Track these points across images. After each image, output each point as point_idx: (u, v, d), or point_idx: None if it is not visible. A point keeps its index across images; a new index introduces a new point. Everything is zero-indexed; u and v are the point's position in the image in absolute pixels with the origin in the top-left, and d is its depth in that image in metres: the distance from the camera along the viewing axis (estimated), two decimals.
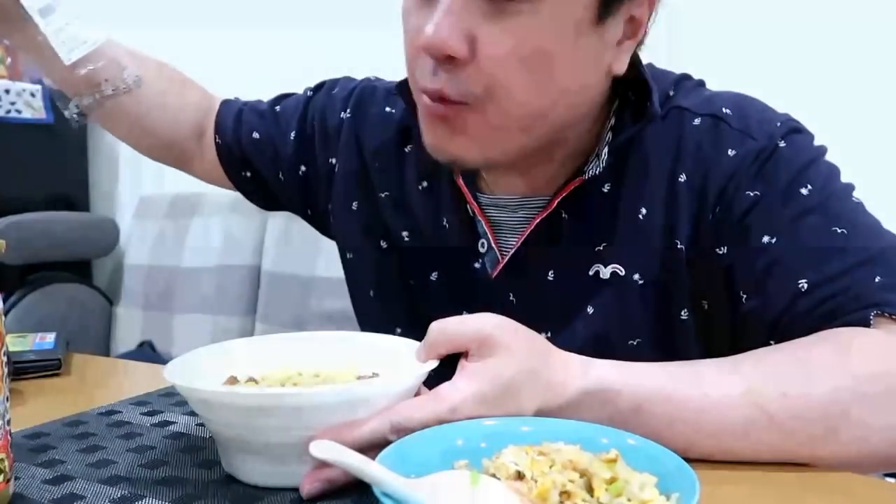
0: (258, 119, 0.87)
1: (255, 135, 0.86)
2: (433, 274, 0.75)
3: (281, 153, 0.85)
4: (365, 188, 0.80)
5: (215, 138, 0.87)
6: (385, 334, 0.60)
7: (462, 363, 0.49)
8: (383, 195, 0.79)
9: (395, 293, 0.79)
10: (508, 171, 0.69)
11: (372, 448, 0.44)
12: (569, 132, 0.66)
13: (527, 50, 0.57)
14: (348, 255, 0.84)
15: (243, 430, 0.46)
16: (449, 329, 0.50)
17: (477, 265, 0.72)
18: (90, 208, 2.37)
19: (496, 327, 0.49)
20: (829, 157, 0.65)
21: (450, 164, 0.66)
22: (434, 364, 0.50)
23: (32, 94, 2.12)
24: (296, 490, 0.46)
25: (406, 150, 0.78)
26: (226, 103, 0.90)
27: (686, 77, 0.72)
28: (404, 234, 0.77)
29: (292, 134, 0.85)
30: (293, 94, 0.90)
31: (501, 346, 0.49)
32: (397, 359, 0.54)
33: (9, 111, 2.07)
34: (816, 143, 0.66)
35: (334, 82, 0.87)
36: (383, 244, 0.79)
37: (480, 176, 0.73)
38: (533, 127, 0.62)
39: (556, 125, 0.63)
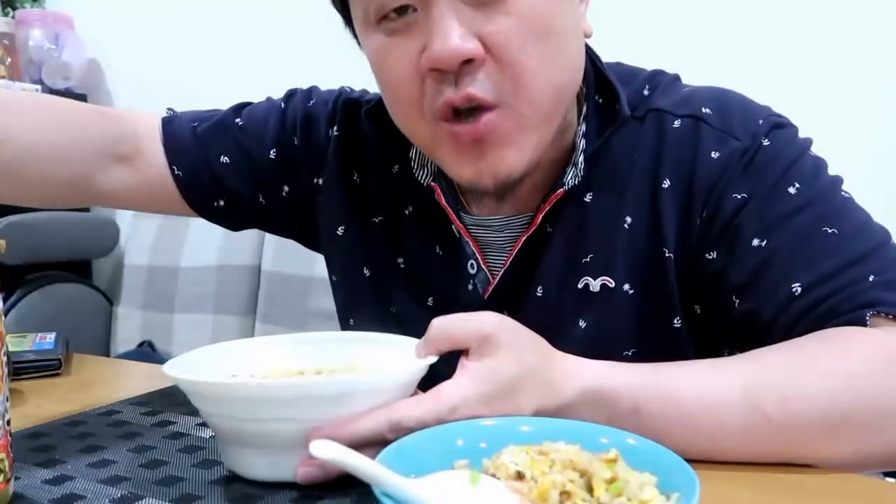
0: (222, 138, 0.79)
1: (224, 158, 0.78)
2: (429, 300, 0.73)
3: (260, 174, 0.79)
4: (353, 212, 0.77)
5: (172, 170, 0.77)
6: (384, 333, 0.60)
7: (463, 362, 0.49)
8: (377, 220, 0.76)
9: (378, 322, 0.75)
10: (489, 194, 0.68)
11: (371, 447, 0.44)
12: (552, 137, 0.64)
13: (532, 26, 0.57)
14: (333, 278, 0.82)
15: (243, 423, 0.46)
16: (450, 326, 0.50)
17: (469, 287, 0.70)
18: (90, 208, 2.37)
19: (497, 326, 0.49)
20: (814, 148, 0.64)
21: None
22: (433, 359, 0.50)
23: None
24: (295, 488, 0.46)
25: (394, 170, 0.75)
26: (169, 123, 0.79)
27: (659, 73, 0.71)
28: (399, 260, 0.75)
29: (272, 153, 0.78)
30: (250, 103, 0.83)
31: (503, 345, 0.49)
32: (398, 356, 0.54)
33: None
34: (801, 135, 0.65)
35: (306, 93, 0.82)
36: (366, 272, 0.76)
37: (463, 199, 0.72)
38: (558, 108, 0.62)
39: (567, 106, 0.64)
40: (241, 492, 0.47)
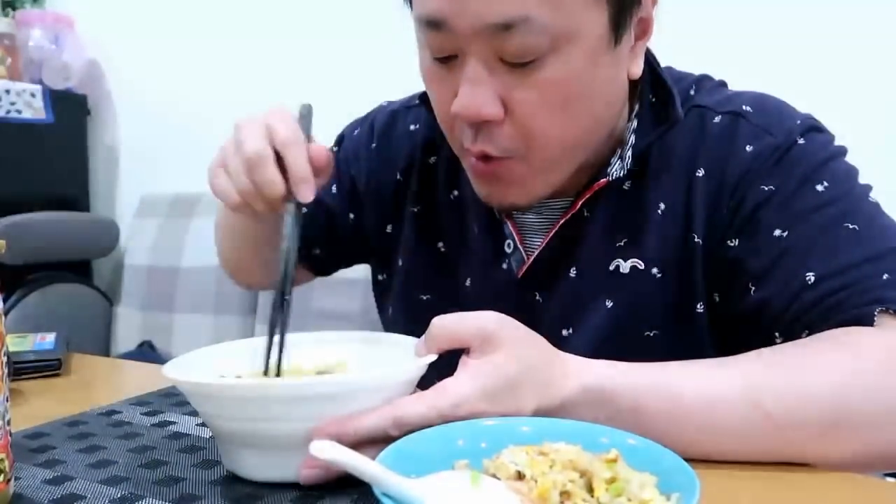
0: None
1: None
2: (467, 280, 0.76)
3: (333, 214, 0.85)
4: (397, 209, 0.82)
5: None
6: (383, 332, 0.60)
7: (464, 359, 0.49)
8: (415, 209, 0.80)
9: (412, 311, 0.80)
10: None
11: (373, 443, 0.44)
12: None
13: (557, 97, 0.59)
14: (379, 277, 0.85)
15: (243, 424, 0.46)
16: (451, 325, 0.50)
17: (504, 266, 0.73)
18: (90, 208, 2.37)
19: (498, 325, 0.49)
20: (849, 158, 0.65)
21: (503, 209, 0.70)
22: (433, 357, 0.50)
23: (32, 94, 2.12)
24: (296, 489, 0.46)
25: (431, 161, 0.80)
26: None
27: (707, 77, 0.73)
28: (440, 245, 0.78)
29: (333, 188, 0.85)
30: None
31: (504, 343, 0.49)
32: (396, 355, 0.55)
33: (9, 111, 2.07)
34: (837, 143, 0.66)
35: (351, 127, 0.89)
36: (400, 262, 0.81)
37: None
38: (574, 156, 0.64)
39: (593, 144, 0.65)
40: (241, 492, 0.47)
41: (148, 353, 1.99)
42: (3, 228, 1.87)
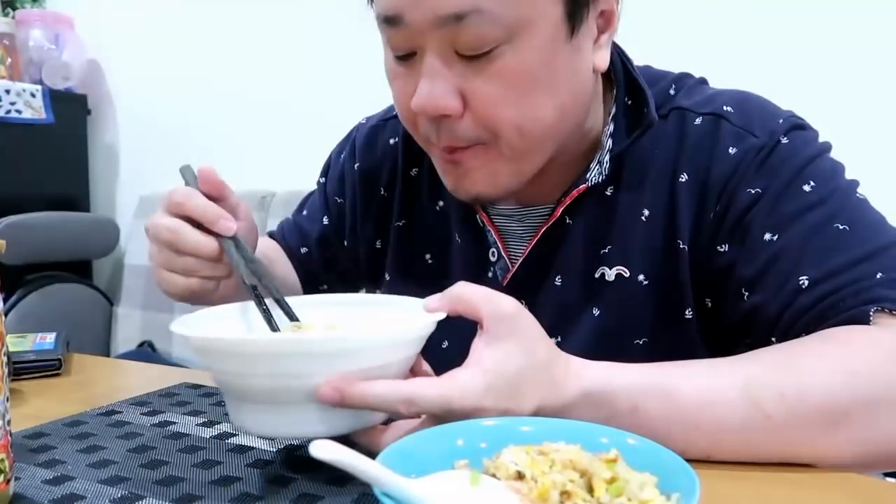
0: (297, 232, 0.89)
1: (304, 249, 0.88)
2: None
3: (330, 245, 0.87)
4: (383, 224, 0.82)
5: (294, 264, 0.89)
6: (389, 295, 0.62)
7: (476, 345, 0.49)
8: (400, 223, 0.80)
9: None
10: None
11: (370, 439, 0.45)
12: (569, 140, 0.66)
13: (514, 87, 0.58)
14: (375, 293, 0.86)
15: (249, 379, 0.46)
16: (473, 294, 0.50)
17: (489, 275, 0.73)
18: (90, 208, 2.37)
19: (517, 311, 0.50)
20: (833, 153, 0.65)
21: (472, 201, 0.67)
22: (442, 315, 0.50)
23: (32, 94, 2.12)
24: (296, 491, 0.47)
25: (413, 173, 0.79)
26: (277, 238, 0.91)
27: (686, 75, 0.72)
28: (426, 256, 0.78)
29: (324, 220, 0.87)
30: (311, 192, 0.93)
31: (516, 331, 0.49)
32: (391, 315, 0.55)
33: (9, 111, 2.07)
34: (821, 139, 0.65)
35: (335, 152, 0.89)
36: (387, 276, 0.81)
37: None
38: (543, 147, 0.63)
39: (563, 136, 0.64)
40: (241, 491, 0.47)
41: (148, 353, 2.00)
42: (3, 228, 1.88)
